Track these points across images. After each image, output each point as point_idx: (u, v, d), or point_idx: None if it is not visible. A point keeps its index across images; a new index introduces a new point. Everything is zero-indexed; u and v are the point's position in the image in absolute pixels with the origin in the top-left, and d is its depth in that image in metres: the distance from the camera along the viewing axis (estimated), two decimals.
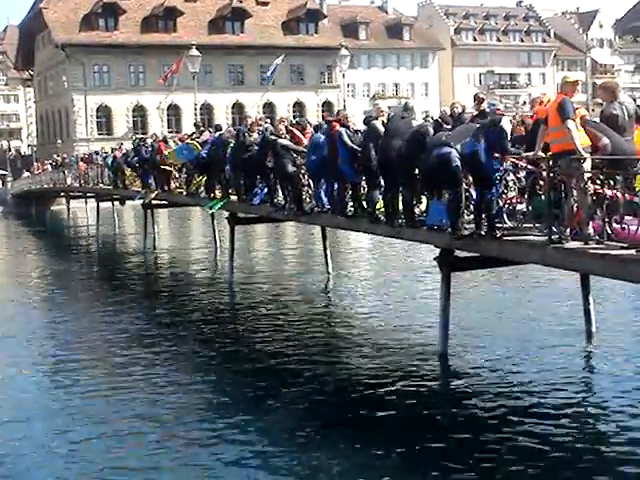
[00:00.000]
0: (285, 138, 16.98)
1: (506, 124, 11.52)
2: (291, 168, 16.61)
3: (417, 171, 12.83)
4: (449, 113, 14.22)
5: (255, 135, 18.59)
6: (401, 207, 13.60)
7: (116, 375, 13.17)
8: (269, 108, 68.77)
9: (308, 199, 16.90)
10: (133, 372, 13.22)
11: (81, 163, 41.72)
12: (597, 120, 10.78)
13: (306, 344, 14.79)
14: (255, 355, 14.17)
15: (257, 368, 13.28)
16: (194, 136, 23.88)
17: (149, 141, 28.24)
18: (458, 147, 11.57)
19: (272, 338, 15.31)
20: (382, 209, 14.15)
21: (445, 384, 12.50)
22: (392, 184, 13.65)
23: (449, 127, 13.23)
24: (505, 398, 11.42)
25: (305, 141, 17.07)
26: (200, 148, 21.60)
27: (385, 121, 14.04)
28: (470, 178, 11.98)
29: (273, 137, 17.00)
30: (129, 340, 15.55)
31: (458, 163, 11.55)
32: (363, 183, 14.80)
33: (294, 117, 51.52)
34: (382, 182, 14.03)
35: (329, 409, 11.21)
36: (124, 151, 31.81)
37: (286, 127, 17.67)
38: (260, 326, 16.49)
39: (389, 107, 15.06)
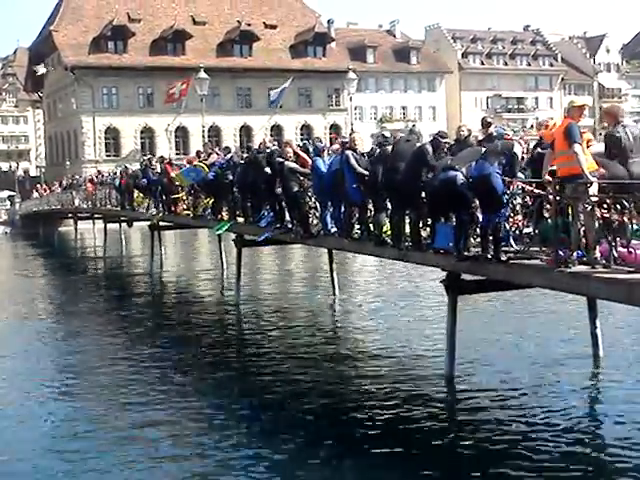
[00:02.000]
0: (292, 161, 17.03)
1: (518, 150, 11.69)
2: (297, 191, 16.67)
3: (422, 194, 12.90)
4: (455, 137, 14.28)
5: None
6: (408, 230, 13.64)
7: (121, 395, 13.13)
8: (277, 131, 69.02)
9: (315, 221, 16.93)
10: (138, 392, 13.20)
11: (89, 184, 41.90)
12: (601, 145, 10.84)
13: (312, 365, 14.77)
14: (262, 376, 14.14)
15: (263, 389, 13.26)
16: (202, 157, 23.95)
17: (157, 164, 28.32)
18: (464, 170, 11.66)
19: (278, 359, 15.30)
20: (388, 232, 14.18)
21: (451, 407, 12.46)
22: (398, 207, 13.70)
23: (446, 140, 13.31)
24: (511, 422, 11.38)
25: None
26: (207, 170, 21.65)
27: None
28: (477, 201, 12.02)
29: (280, 160, 17.05)
30: (135, 361, 15.53)
31: (464, 185, 11.64)
32: (370, 206, 14.85)
33: (301, 140, 51.67)
34: (389, 205, 14.09)
35: (335, 430, 11.16)
36: (130, 172, 31.94)
37: (293, 150, 17.71)
38: (267, 347, 16.47)
39: (396, 130, 15.09)
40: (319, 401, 12.57)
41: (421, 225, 13.47)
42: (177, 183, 24.65)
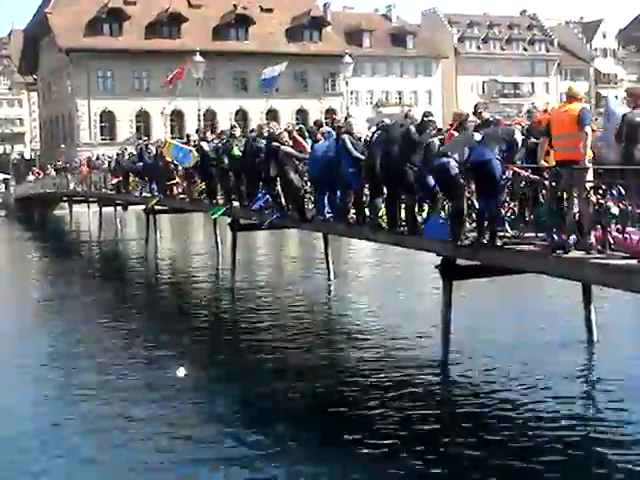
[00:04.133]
0: (288, 145, 16.98)
1: (519, 136, 11.75)
2: (293, 175, 16.63)
3: (412, 178, 12.97)
4: (450, 122, 14.31)
5: (263, 142, 18.61)
6: (403, 215, 13.67)
7: (113, 382, 13.11)
8: (272, 115, 68.78)
9: (310, 206, 16.92)
10: (131, 379, 13.20)
11: (83, 168, 41.76)
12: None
13: (307, 350, 14.79)
14: (256, 361, 14.17)
15: (257, 374, 13.28)
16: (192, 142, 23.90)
17: (152, 148, 28.24)
18: (456, 156, 11.70)
19: (273, 344, 15.31)
20: (384, 217, 14.19)
21: (446, 392, 12.49)
22: (394, 192, 13.71)
23: (431, 118, 13.32)
24: (505, 407, 11.42)
25: (308, 148, 17.10)
26: (196, 159, 21.62)
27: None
28: (473, 187, 12.04)
29: (276, 144, 16.99)
30: (129, 346, 15.52)
31: (456, 172, 11.70)
32: (366, 190, 14.84)
33: (297, 124, 51.59)
34: (384, 189, 14.11)
35: (330, 416, 11.19)
36: (127, 156, 31.89)
37: (290, 133, 17.66)
38: (261, 332, 16.48)
39: (391, 115, 15.08)
40: (313, 385, 12.58)
41: (417, 210, 13.52)
42: (164, 149, 24.47)
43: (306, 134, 18.27)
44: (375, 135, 14.45)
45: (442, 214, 12.93)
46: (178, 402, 11.95)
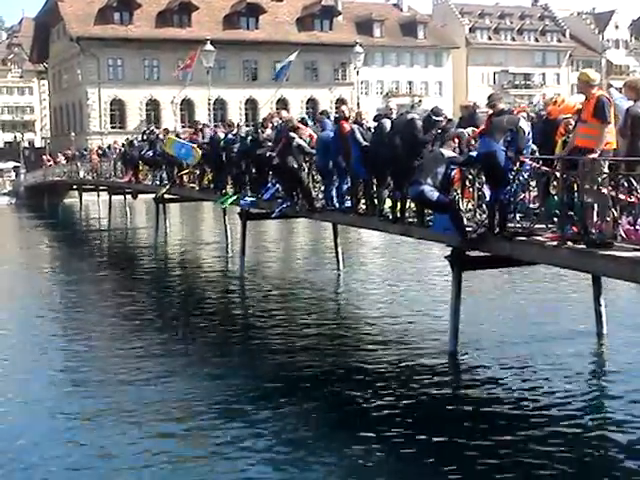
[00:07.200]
0: (302, 138, 16.97)
1: (524, 125, 11.69)
2: (299, 167, 16.68)
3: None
4: (460, 115, 14.25)
5: (269, 131, 18.60)
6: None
7: (123, 368, 13.12)
8: (282, 104, 68.74)
9: (320, 195, 16.92)
10: (140, 366, 13.21)
11: (94, 156, 41.83)
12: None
13: (316, 340, 14.79)
14: (264, 351, 14.17)
15: (266, 364, 13.29)
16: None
17: (161, 136, 28.25)
18: (430, 180, 11.78)
19: (282, 334, 15.32)
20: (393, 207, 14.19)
21: (454, 383, 12.48)
22: (399, 182, 13.70)
23: (439, 118, 13.30)
24: (514, 398, 11.42)
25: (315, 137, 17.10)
26: (199, 154, 21.66)
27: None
28: (483, 177, 12.02)
29: (292, 134, 16.91)
30: (139, 334, 15.56)
31: (434, 195, 11.83)
32: (375, 180, 14.83)
33: (307, 114, 51.39)
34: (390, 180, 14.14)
35: (338, 406, 11.21)
36: (136, 144, 31.90)
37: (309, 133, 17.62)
38: (270, 322, 16.49)
39: (401, 106, 15.02)
40: (320, 374, 12.61)
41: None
42: (165, 145, 24.52)
43: (309, 123, 18.33)
44: (377, 125, 14.42)
45: None
46: (187, 385, 12.00)
